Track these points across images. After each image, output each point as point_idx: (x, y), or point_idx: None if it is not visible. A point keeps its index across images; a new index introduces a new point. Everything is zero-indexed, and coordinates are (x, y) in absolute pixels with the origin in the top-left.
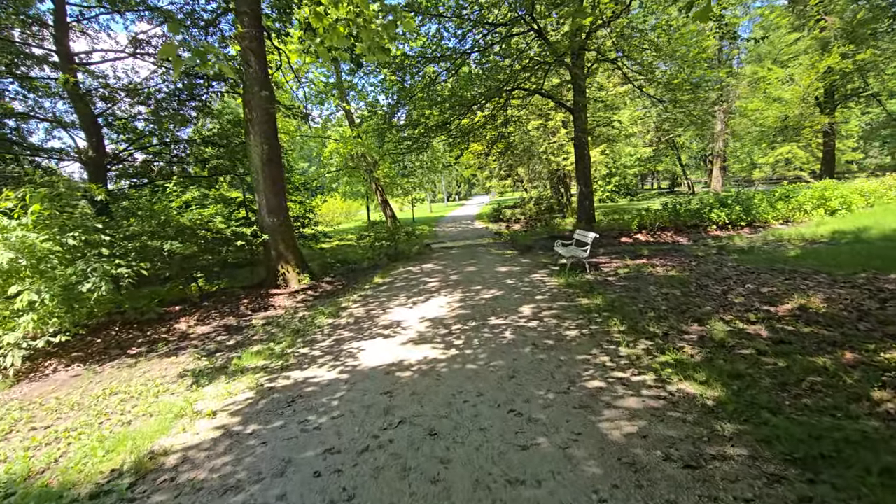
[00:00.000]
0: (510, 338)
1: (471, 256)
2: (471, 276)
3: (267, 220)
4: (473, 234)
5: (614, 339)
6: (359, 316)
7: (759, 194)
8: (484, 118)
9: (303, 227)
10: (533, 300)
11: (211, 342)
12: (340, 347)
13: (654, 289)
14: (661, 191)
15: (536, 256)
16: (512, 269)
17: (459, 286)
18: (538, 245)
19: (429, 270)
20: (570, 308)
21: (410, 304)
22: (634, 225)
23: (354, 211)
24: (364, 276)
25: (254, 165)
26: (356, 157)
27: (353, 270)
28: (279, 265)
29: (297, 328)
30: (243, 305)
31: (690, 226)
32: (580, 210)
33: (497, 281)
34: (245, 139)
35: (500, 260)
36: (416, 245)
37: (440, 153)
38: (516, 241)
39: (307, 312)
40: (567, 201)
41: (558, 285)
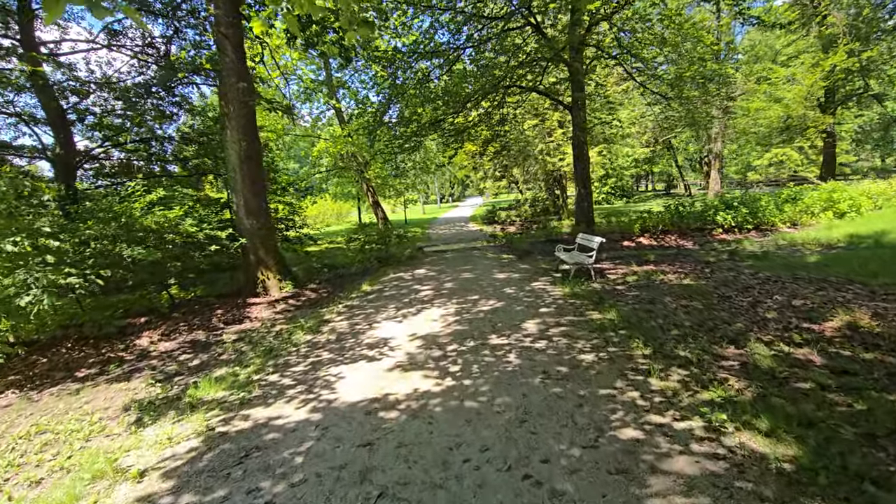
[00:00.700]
0: (516, 363)
1: (466, 261)
2: (467, 283)
3: (245, 222)
4: (468, 236)
5: (640, 365)
6: (342, 331)
7: (766, 196)
8: (479, 117)
9: (287, 229)
10: (537, 313)
11: (172, 362)
12: (316, 374)
13: (672, 300)
14: (656, 193)
15: (535, 262)
16: (511, 275)
17: (454, 296)
18: (536, 249)
19: (421, 277)
20: (581, 324)
21: (400, 316)
22: (636, 228)
23: (346, 212)
24: (352, 282)
25: (231, 163)
26: (346, 157)
27: (340, 276)
28: (258, 271)
29: (271, 347)
30: (216, 317)
31: (694, 229)
32: (578, 212)
33: (495, 290)
34: (221, 135)
35: (498, 265)
36: (409, 248)
37: (433, 153)
38: (513, 244)
39: (285, 326)
40: (563, 203)
41: (563, 295)
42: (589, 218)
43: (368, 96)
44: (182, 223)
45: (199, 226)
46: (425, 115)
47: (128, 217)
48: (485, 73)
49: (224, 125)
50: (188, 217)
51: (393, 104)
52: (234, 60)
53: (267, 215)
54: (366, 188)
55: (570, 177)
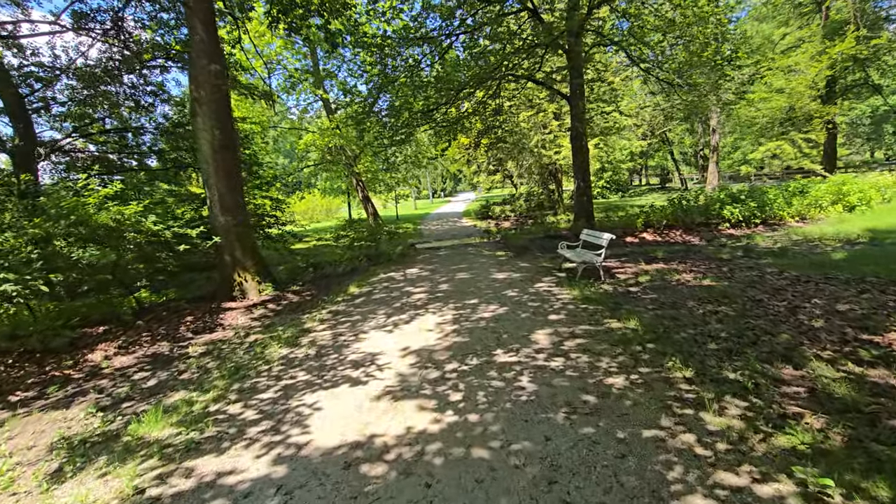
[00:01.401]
0: (530, 389)
1: (461, 259)
2: (463, 284)
3: (220, 219)
4: (461, 232)
5: (683, 392)
6: (323, 344)
7: (773, 189)
8: (472, 107)
9: (269, 226)
10: (547, 321)
11: (125, 382)
12: (287, 403)
13: (696, 305)
14: (651, 187)
15: (535, 259)
16: (511, 275)
17: (451, 299)
18: (535, 246)
19: (414, 277)
20: (600, 335)
21: (390, 325)
22: (639, 223)
23: (335, 208)
24: (339, 283)
25: (203, 154)
26: (334, 151)
27: (326, 276)
28: (235, 273)
29: (239, 364)
30: (186, 325)
31: (700, 224)
32: (577, 207)
33: (496, 292)
34: (192, 123)
35: (495, 263)
36: (400, 245)
37: (425, 146)
38: (509, 240)
39: (260, 336)
40: (559, 197)
41: (573, 299)
42: (588, 213)
43: (357, 86)
44: (143, 220)
45: (164, 223)
46: (416, 104)
47: (80, 214)
48: (479, 60)
49: (195, 112)
50: (151, 213)
51: (383, 94)
52: (203, 39)
53: (244, 211)
54: (355, 183)
55: (565, 170)
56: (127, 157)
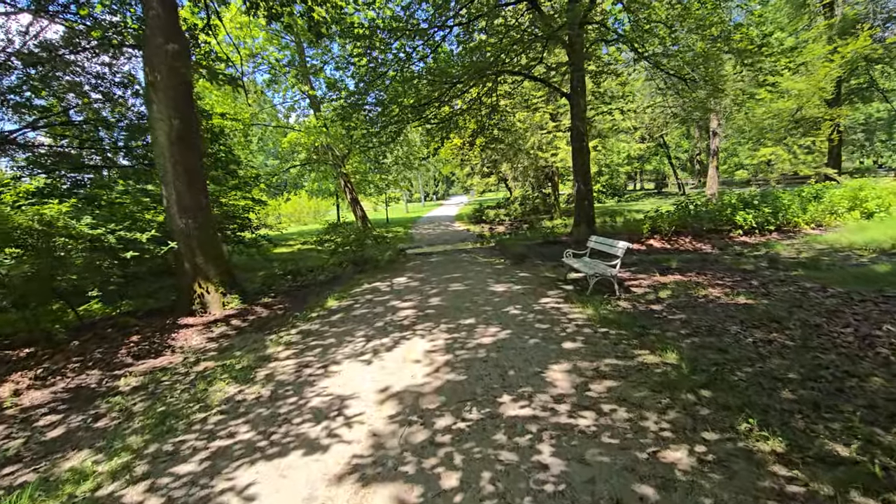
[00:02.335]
0: (556, 470)
1: (454, 267)
2: (458, 298)
3: (178, 221)
4: (454, 237)
5: (783, 482)
6: (282, 380)
7: (787, 194)
8: (467, 105)
9: (241, 229)
10: (562, 351)
11: (26, 429)
12: (210, 485)
13: (740, 330)
14: (646, 192)
15: (536, 268)
16: (511, 287)
17: (443, 317)
18: (533, 253)
19: (401, 288)
20: (633, 373)
21: (369, 351)
22: (645, 229)
23: (324, 210)
24: (317, 294)
25: (158, 146)
26: (321, 150)
27: (304, 286)
28: (195, 283)
29: (170, 409)
30: (129, 346)
31: (710, 230)
32: (578, 211)
33: (495, 309)
34: (147, 111)
35: (492, 273)
36: (389, 251)
37: (416, 147)
38: (505, 246)
39: (211, 364)
40: (555, 201)
41: (588, 319)
42: (589, 217)
43: (344, 81)
44: (74, 222)
45: (104, 226)
46: (407, 99)
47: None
48: (474, 54)
49: (150, 98)
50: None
51: (372, 89)
52: (160, 14)
53: (207, 213)
54: (343, 184)
55: (562, 173)
56: (97, 153)
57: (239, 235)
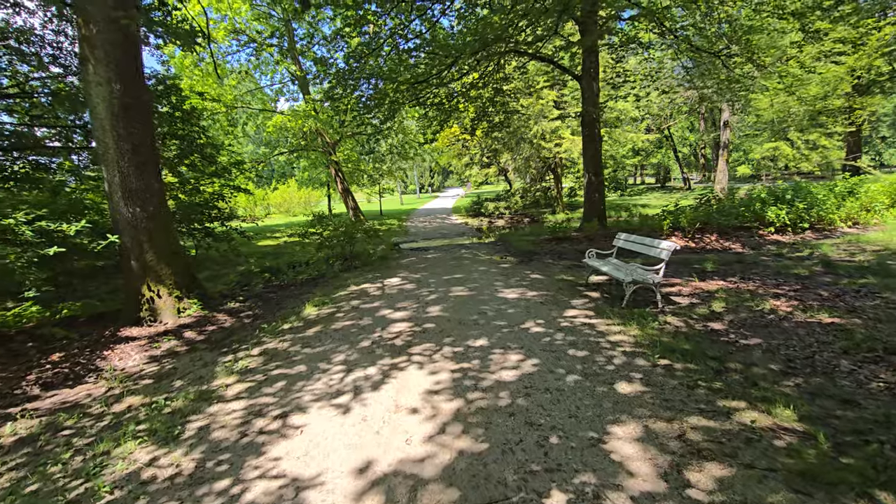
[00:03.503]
0: None
1: (455, 265)
2: (462, 308)
3: (123, 210)
4: (452, 230)
5: None
6: (219, 440)
7: (817, 187)
8: (472, 82)
9: (210, 220)
10: (618, 399)
11: None
12: None
13: (852, 364)
14: (649, 186)
15: (547, 269)
16: (525, 293)
17: (446, 336)
18: (542, 250)
19: (394, 291)
20: (742, 449)
21: (349, 391)
22: (665, 225)
23: (315, 201)
24: (296, 297)
25: (97, 117)
26: (309, 136)
27: (283, 287)
28: (144, 285)
29: (41, 497)
30: (44, 367)
31: (737, 227)
32: (588, 205)
33: (512, 324)
34: (81, 72)
35: (499, 273)
36: (382, 245)
37: (412, 135)
38: (509, 242)
39: (138, 401)
40: (558, 194)
41: (638, 344)
42: (600, 212)
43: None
44: None
45: (13, 215)
46: (403, 75)
47: None
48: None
49: (84, 57)
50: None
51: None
52: None
53: (160, 200)
54: (334, 173)
55: (566, 165)
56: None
57: (208, 228)
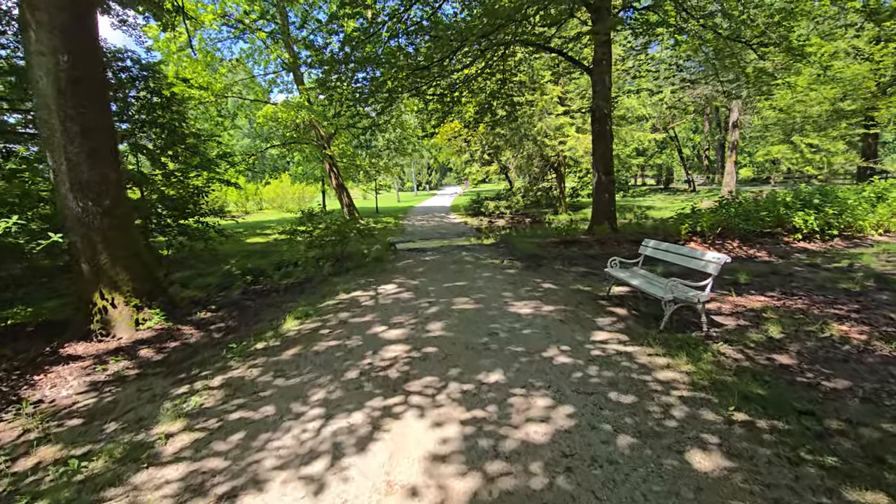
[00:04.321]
0: None
1: (456, 270)
2: (469, 326)
3: (72, 205)
4: (451, 230)
5: None
6: None
7: (844, 191)
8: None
9: (183, 216)
10: (699, 481)
11: None
12: None
13: None
14: (651, 188)
15: (558, 276)
16: (539, 307)
17: (452, 366)
18: (550, 254)
19: (389, 301)
20: None
21: (325, 452)
22: (683, 230)
23: (310, 196)
24: (275, 307)
25: (39, 95)
26: (302, 128)
27: (264, 292)
28: (97, 292)
29: None
30: None
31: (760, 233)
32: (597, 206)
33: (530, 350)
34: (23, 41)
35: (506, 281)
36: (377, 244)
37: (411, 129)
38: (513, 245)
39: (50, 454)
40: (561, 194)
41: (696, 386)
42: (610, 214)
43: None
44: None
45: None
46: (402, 61)
47: None
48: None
49: (25, 23)
50: None
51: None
52: None
53: (116, 193)
54: (328, 168)
55: (570, 164)
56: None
57: (183, 225)
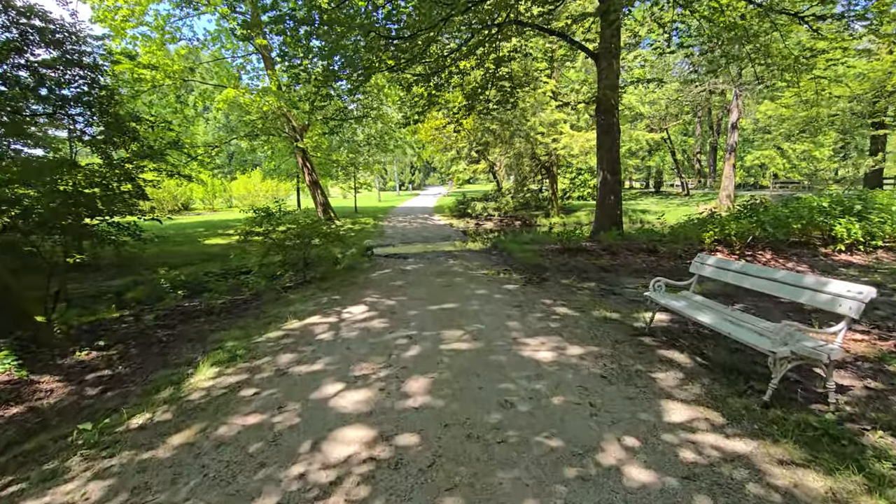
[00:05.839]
0: None
1: (444, 284)
2: (467, 386)
3: None
4: (435, 233)
5: None
6: None
7: (881, 196)
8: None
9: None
10: None
11: None
12: None
13: None
14: (642, 191)
15: (571, 294)
16: (564, 348)
17: (442, 491)
18: (555, 266)
19: (353, 335)
20: None
21: None
22: (708, 238)
23: (286, 194)
24: (194, 342)
25: None
26: (270, 117)
27: (191, 316)
28: None
29: None
30: None
31: (794, 243)
32: (602, 210)
33: (576, 449)
34: None
35: (509, 302)
36: (352, 248)
37: (392, 123)
38: (507, 252)
39: None
40: (553, 195)
41: None
42: (617, 219)
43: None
44: None
45: None
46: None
47: None
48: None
49: None
50: None
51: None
52: None
53: None
54: (301, 162)
55: (563, 163)
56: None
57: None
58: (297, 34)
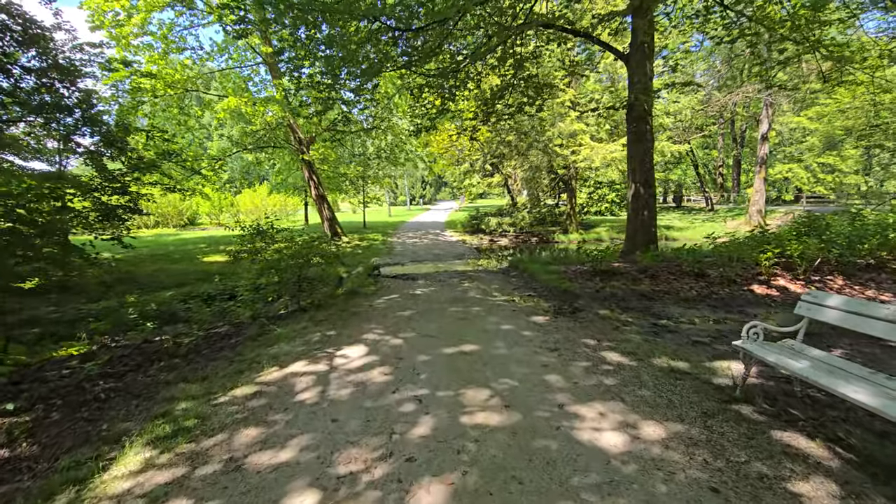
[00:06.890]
0: None
1: (460, 315)
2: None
3: None
4: (448, 250)
5: None
6: None
7: None
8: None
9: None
10: None
11: None
12: None
13: None
14: (663, 206)
15: (618, 332)
16: (639, 427)
17: None
18: (586, 292)
19: (344, 394)
20: None
21: None
22: (765, 260)
23: (294, 208)
24: (141, 397)
25: None
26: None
27: (148, 360)
28: None
29: None
30: None
31: (868, 266)
32: (634, 226)
33: None
34: None
35: (542, 342)
36: (358, 268)
37: (404, 136)
38: (528, 273)
39: None
40: (572, 211)
41: None
42: (652, 236)
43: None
44: None
45: None
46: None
47: None
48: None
49: None
50: None
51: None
52: None
53: None
54: (307, 175)
55: (583, 176)
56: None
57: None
58: (296, 22)
